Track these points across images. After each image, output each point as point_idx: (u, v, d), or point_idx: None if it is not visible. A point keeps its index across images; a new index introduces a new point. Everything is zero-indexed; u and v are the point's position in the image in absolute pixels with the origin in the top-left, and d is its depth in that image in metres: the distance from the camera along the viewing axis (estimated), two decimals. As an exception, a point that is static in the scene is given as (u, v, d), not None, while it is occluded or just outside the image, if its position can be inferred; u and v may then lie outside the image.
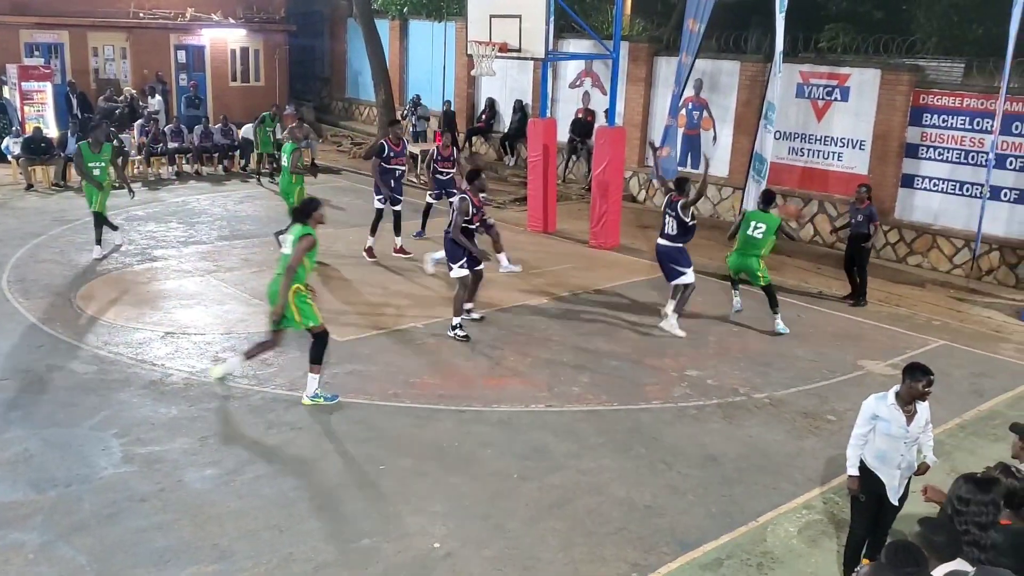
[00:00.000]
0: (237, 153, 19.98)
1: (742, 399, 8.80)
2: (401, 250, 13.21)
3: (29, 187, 16.99)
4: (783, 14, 13.92)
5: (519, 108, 20.85)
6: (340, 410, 8.06)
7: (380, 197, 12.98)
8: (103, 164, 12.52)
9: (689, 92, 16.57)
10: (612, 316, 11.07)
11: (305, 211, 8.13)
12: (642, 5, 21.20)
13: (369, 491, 6.75)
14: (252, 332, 9.94)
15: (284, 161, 12.80)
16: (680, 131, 16.95)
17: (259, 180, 18.67)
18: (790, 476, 7.31)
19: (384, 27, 23.45)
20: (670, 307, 10.53)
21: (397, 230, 13.21)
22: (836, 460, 7.33)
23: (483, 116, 22.05)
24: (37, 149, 17.44)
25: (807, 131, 15.62)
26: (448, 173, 13.75)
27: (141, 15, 22.38)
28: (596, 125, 17.72)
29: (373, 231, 13.06)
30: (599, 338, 10.28)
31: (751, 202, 15.08)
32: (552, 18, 13.62)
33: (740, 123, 16.54)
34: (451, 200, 11.40)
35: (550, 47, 13.88)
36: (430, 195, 14.13)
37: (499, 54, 13.99)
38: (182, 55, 23.71)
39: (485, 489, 6.85)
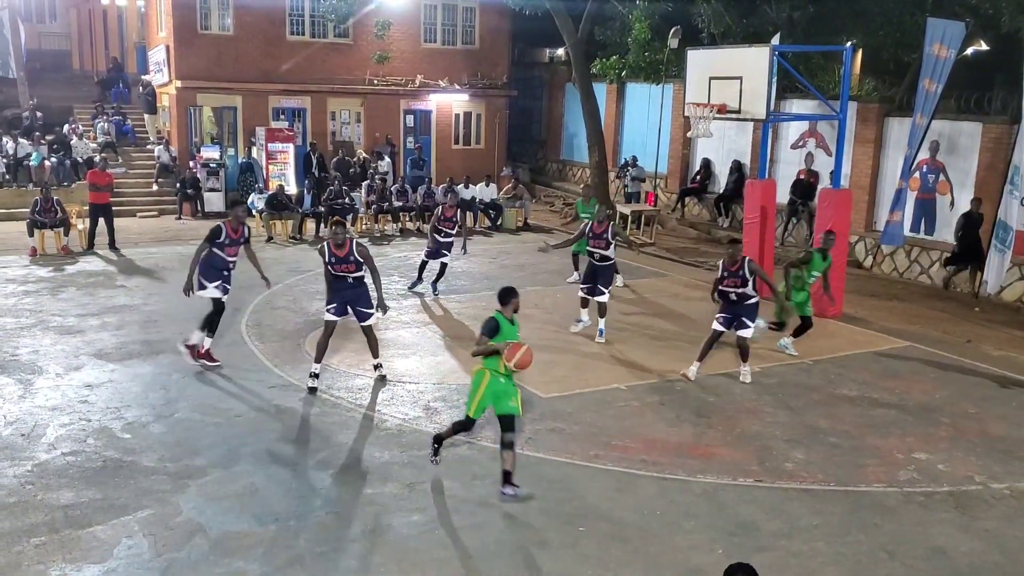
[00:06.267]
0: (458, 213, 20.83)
1: (978, 488, 8.00)
2: (207, 355, 10.47)
3: (269, 239, 18.49)
4: (1033, 72, 12.90)
5: (736, 168, 20.49)
6: (541, 467, 8.05)
7: (215, 284, 10.30)
8: None
9: (924, 154, 15.66)
10: (831, 389, 10.46)
11: None
12: (872, 65, 20.35)
13: (568, 552, 6.66)
14: (463, 383, 10.19)
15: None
16: (913, 195, 15.99)
17: None
18: (1035, 579, 6.54)
19: (601, 90, 23.87)
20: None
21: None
22: (1093, 567, 6.50)
23: (697, 176, 21.83)
24: (278, 205, 18.99)
25: (1060, 197, 14.26)
26: (449, 235, 14.01)
27: (375, 82, 24.01)
28: (819, 187, 17.09)
29: (212, 328, 10.42)
30: (816, 412, 9.72)
31: (992, 271, 13.95)
32: (775, 79, 13.31)
33: (981, 188, 15.40)
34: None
35: (772, 108, 13.55)
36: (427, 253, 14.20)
37: (717, 116, 13.82)
38: (410, 119, 25.17)
39: (686, 562, 6.58)
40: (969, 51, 18.97)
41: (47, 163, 20.54)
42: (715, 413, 9.58)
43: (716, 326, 10.56)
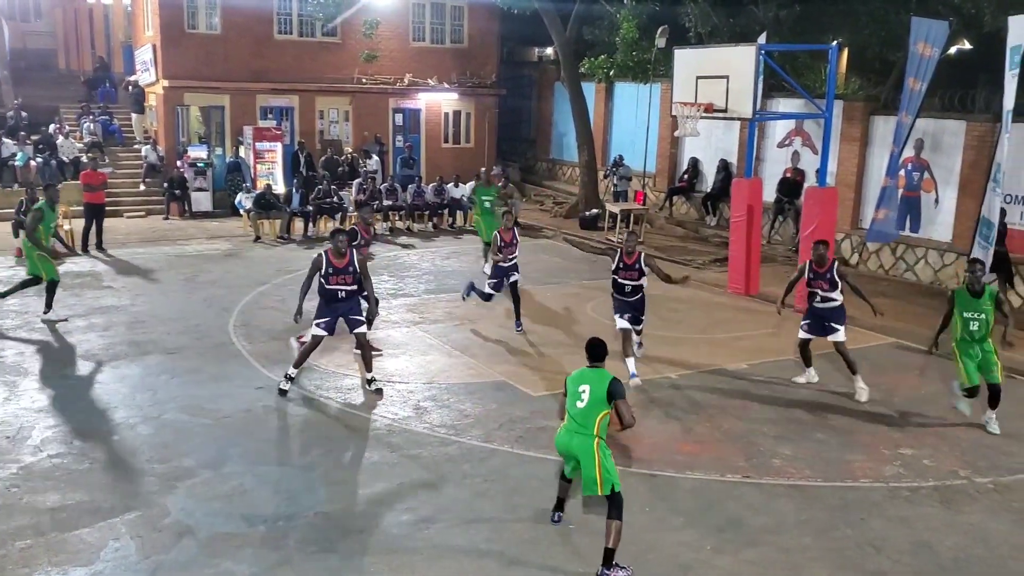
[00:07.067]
0: (446, 211, 20.88)
1: (962, 483, 8.06)
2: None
3: (257, 239, 18.46)
4: (1015, 71, 12.97)
5: (723, 167, 20.56)
6: (530, 465, 8.07)
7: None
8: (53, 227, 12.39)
9: (909, 152, 15.74)
10: (818, 386, 10.52)
11: None
12: (857, 63, 20.46)
13: (558, 550, 6.68)
14: (453, 383, 10.22)
15: None
16: (898, 193, 16.08)
17: None
18: (1017, 571, 6.60)
19: (590, 89, 23.91)
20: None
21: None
22: (1076, 560, 6.57)
23: (685, 175, 21.89)
24: (266, 204, 18.95)
25: (1043, 195, 14.39)
26: (512, 259, 12.29)
27: (364, 80, 23.97)
28: (805, 185, 17.16)
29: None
30: (803, 408, 9.78)
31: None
32: (761, 78, 13.37)
33: (966, 185, 15.48)
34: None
35: (758, 107, 13.61)
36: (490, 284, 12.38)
37: (704, 115, 13.87)
38: (399, 118, 25.14)
39: (676, 558, 6.62)
40: (953, 50, 19.09)
41: (32, 163, 20.42)
42: (703, 410, 9.62)
43: (802, 334, 10.37)
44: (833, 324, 10.19)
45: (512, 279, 12.31)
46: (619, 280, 10.51)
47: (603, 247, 11.09)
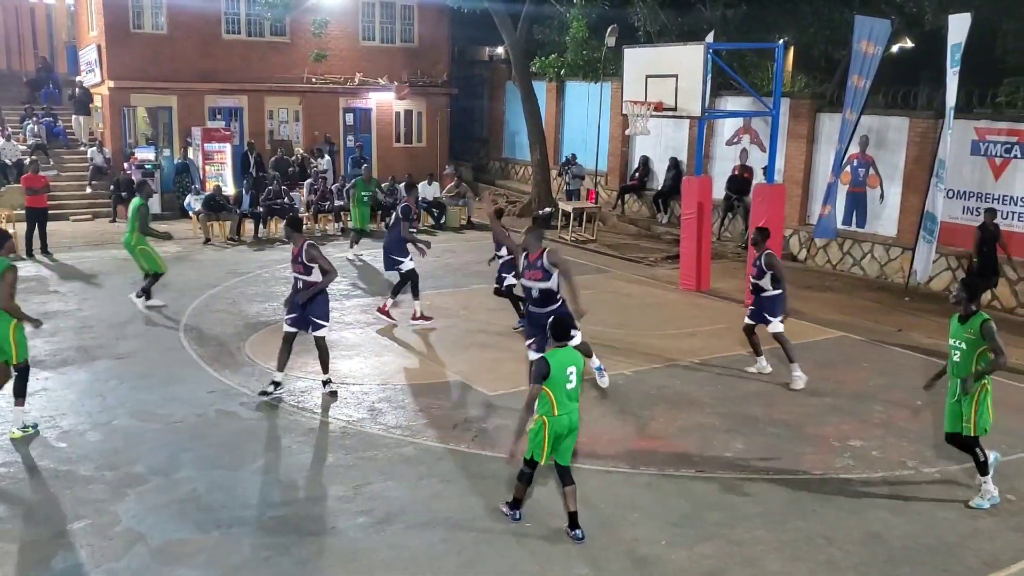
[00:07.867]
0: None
1: (910, 473, 8.25)
2: (387, 312, 12.64)
3: (207, 241, 18.21)
4: (955, 69, 13.31)
5: (674, 165, 20.77)
6: (486, 465, 8.08)
7: (409, 257, 12.54)
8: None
9: (854, 149, 16.06)
10: (769, 380, 10.67)
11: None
12: (804, 61, 20.82)
13: (515, 548, 6.70)
14: (408, 383, 10.19)
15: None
16: (844, 188, 16.39)
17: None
18: (963, 559, 6.76)
19: (541, 89, 23.99)
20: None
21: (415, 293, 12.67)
22: (1016, 543, 6.78)
23: (636, 174, 22.07)
24: (216, 206, 18.71)
25: (983, 190, 14.74)
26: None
27: (313, 80, 23.78)
28: (754, 182, 17.40)
29: (397, 292, 12.73)
30: (754, 402, 9.92)
31: (920, 262, 14.36)
32: (709, 76, 13.52)
33: (910, 181, 15.83)
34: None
35: (707, 105, 13.76)
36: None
37: (654, 113, 14.00)
38: (350, 118, 24.98)
39: (631, 554, 6.67)
40: (895, 48, 19.51)
41: (-26, 166, 19.94)
42: (657, 405, 9.71)
43: (746, 320, 10.63)
44: (766, 315, 10.35)
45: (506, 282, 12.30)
46: (525, 282, 9.06)
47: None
